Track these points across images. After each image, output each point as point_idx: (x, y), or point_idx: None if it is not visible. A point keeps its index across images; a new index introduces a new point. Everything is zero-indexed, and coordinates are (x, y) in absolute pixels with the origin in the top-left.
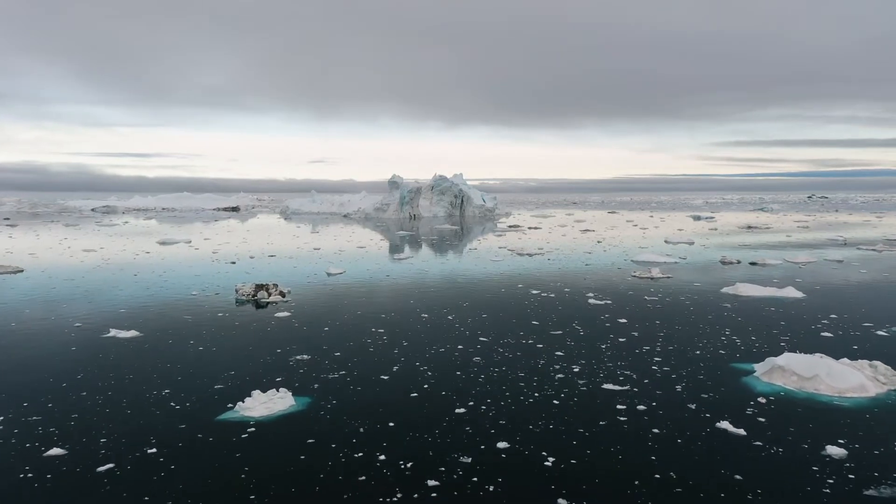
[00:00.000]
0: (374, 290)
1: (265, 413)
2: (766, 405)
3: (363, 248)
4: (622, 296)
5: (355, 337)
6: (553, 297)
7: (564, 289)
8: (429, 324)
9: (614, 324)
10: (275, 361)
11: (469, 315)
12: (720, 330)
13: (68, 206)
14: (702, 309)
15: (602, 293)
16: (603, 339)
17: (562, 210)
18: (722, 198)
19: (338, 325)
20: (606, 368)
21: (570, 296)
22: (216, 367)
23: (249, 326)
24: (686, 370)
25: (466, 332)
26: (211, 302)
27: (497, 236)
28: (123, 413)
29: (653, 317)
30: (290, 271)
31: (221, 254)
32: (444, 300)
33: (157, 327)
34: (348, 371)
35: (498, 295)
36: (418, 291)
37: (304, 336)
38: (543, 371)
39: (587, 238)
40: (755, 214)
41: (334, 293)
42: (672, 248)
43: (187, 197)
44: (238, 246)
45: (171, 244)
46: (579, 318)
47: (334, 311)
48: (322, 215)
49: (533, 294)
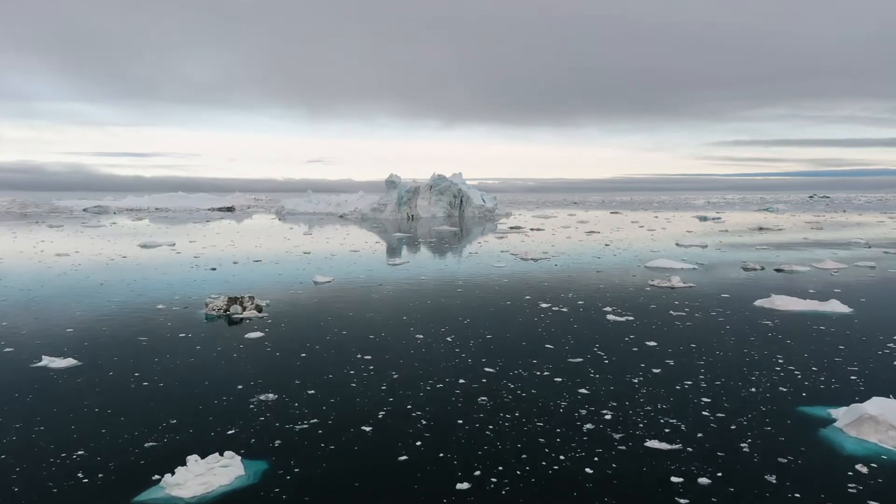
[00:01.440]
0: (364, 303)
1: (200, 491)
2: (868, 477)
3: (356, 252)
4: (644, 310)
5: (336, 367)
6: (566, 313)
7: (577, 301)
8: (424, 348)
9: (642, 348)
10: (232, 404)
11: (471, 336)
12: (771, 357)
13: (59, 206)
14: (740, 328)
15: (621, 307)
16: (633, 371)
17: (562, 210)
18: (723, 197)
19: (317, 350)
20: (645, 415)
21: (585, 310)
22: (155, 414)
23: (212, 353)
24: (746, 417)
25: (469, 360)
26: (176, 318)
27: (498, 238)
28: (9, 490)
29: (685, 338)
30: (273, 279)
31: (204, 258)
32: (442, 316)
33: (101, 354)
34: (322, 419)
35: (503, 309)
36: (413, 305)
37: (274, 366)
38: (567, 419)
39: (593, 241)
40: (762, 215)
41: (318, 307)
42: (685, 251)
43: (181, 197)
44: (224, 249)
45: (153, 247)
46: (600, 341)
47: (315, 330)
48: (318, 216)
49: (542, 308)
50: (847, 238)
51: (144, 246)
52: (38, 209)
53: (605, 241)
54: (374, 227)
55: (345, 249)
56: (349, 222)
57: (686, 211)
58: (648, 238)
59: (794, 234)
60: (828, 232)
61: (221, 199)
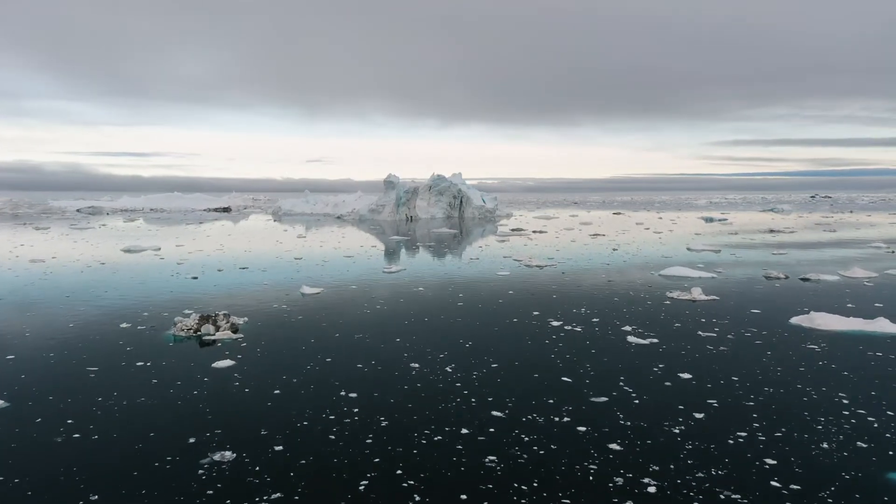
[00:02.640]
0: (354, 321)
1: None
2: None
3: (350, 258)
4: (668, 330)
5: (314, 409)
6: (580, 333)
7: (591, 318)
8: (420, 382)
9: (676, 383)
10: (177, 467)
11: (474, 365)
12: (832, 395)
13: (53, 206)
14: (783, 354)
15: (641, 326)
16: (670, 415)
17: (563, 210)
18: (724, 197)
19: (294, 386)
20: (699, 487)
21: (602, 330)
22: (75, 484)
23: (168, 390)
24: (828, 491)
25: (472, 400)
26: (138, 341)
27: (500, 242)
28: None
29: (723, 369)
30: (257, 290)
31: (187, 265)
32: (441, 338)
33: (37, 391)
34: (287, 491)
35: (510, 329)
36: (408, 324)
37: (239, 409)
38: (600, 492)
39: (599, 244)
40: (768, 216)
41: (302, 325)
42: (697, 256)
43: (177, 197)
44: (211, 254)
45: (137, 252)
46: (624, 371)
47: (295, 357)
48: (315, 216)
49: (554, 327)
50: (862, 239)
51: (128, 251)
52: (31, 210)
53: (612, 244)
54: (371, 228)
55: (338, 255)
56: (346, 224)
57: (689, 211)
58: (656, 241)
59: (806, 236)
60: (841, 234)
61: (218, 200)
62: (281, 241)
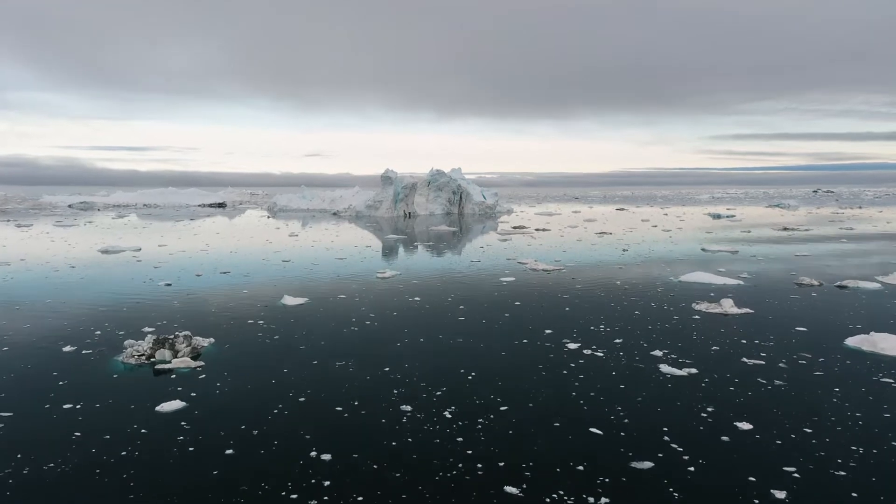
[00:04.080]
0: (337, 344)
1: None
2: None
3: (342, 261)
4: (705, 355)
5: (275, 481)
6: (603, 361)
7: (614, 339)
8: (411, 436)
9: (736, 439)
10: None
11: (480, 408)
12: None
13: (45, 201)
14: (856, 393)
15: (673, 349)
16: (741, 494)
17: (564, 205)
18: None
19: (254, 440)
20: None
21: (627, 355)
22: None
23: (90, 449)
24: None
25: (479, 466)
26: (77, 371)
27: (502, 241)
28: None
29: (790, 416)
30: (234, 300)
31: (165, 268)
32: (438, 368)
33: None
34: None
35: (520, 354)
36: (400, 346)
37: (177, 482)
38: None
39: (607, 244)
40: (777, 212)
41: (275, 350)
42: (715, 258)
43: (172, 192)
44: (193, 255)
45: (115, 252)
46: (666, 419)
47: (262, 395)
48: (311, 212)
49: (571, 352)
50: (882, 236)
51: (105, 251)
52: (21, 205)
53: (621, 243)
54: (367, 225)
55: (330, 256)
56: (343, 220)
57: (692, 206)
58: (667, 240)
59: (824, 233)
60: (858, 230)
61: (213, 195)
62: (271, 240)
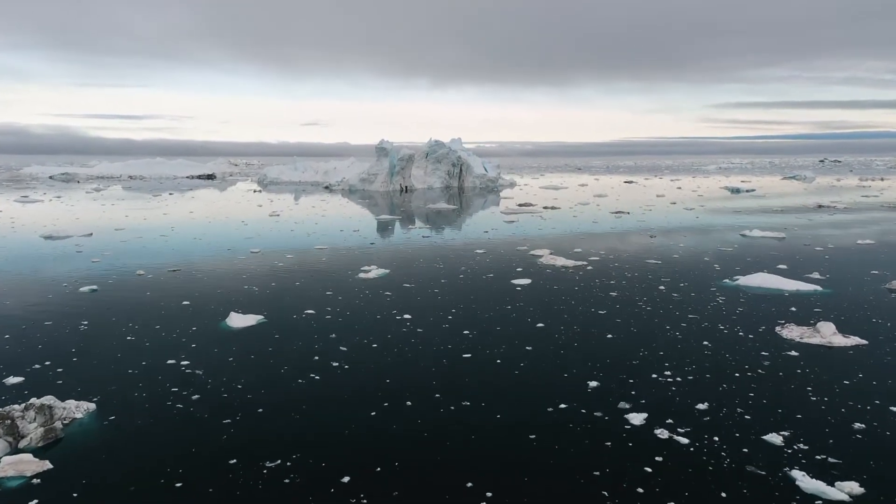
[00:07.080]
0: (283, 411)
1: None
2: None
3: (321, 251)
4: (847, 442)
5: None
6: (694, 456)
7: (695, 405)
8: None
9: None
10: None
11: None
12: None
13: (24, 173)
14: None
15: (786, 420)
16: None
17: (568, 177)
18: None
19: None
20: None
21: (732, 448)
22: None
23: None
24: None
25: None
26: None
27: (509, 223)
28: None
29: None
30: (166, 318)
31: (105, 263)
32: (438, 430)
33: None
34: None
35: (559, 426)
36: (376, 414)
37: None
38: None
39: (628, 227)
40: (795, 184)
41: (188, 423)
42: (762, 249)
43: (159, 163)
44: (149, 243)
45: (58, 239)
46: None
47: None
48: (302, 185)
49: (636, 431)
50: None
51: (48, 237)
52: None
53: (643, 226)
54: (360, 201)
55: (309, 244)
56: (335, 194)
57: (702, 177)
58: (694, 222)
59: (868, 211)
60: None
61: (202, 166)
62: (246, 222)
